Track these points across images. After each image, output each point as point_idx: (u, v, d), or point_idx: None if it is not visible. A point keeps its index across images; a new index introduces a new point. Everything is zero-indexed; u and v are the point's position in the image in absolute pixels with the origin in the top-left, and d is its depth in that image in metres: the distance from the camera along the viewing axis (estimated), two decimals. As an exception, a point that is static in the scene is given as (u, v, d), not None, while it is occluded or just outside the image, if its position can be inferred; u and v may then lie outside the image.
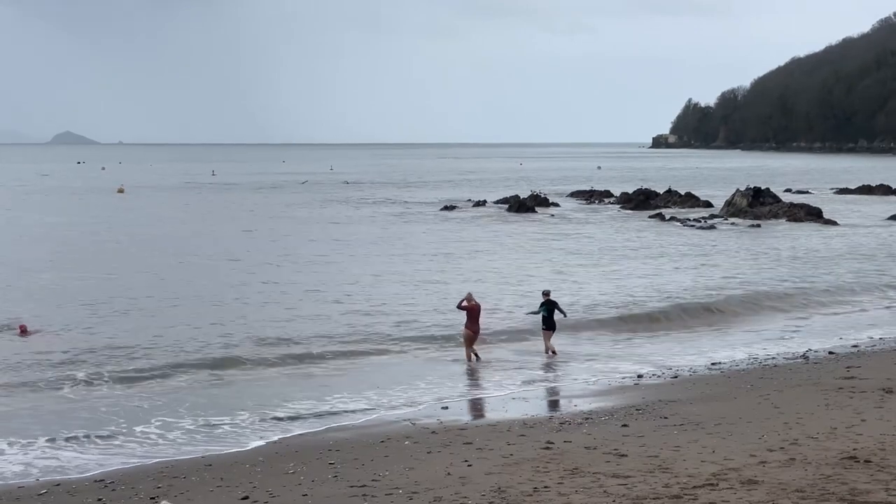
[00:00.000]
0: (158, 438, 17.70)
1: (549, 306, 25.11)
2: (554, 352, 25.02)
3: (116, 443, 17.40)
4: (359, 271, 39.43)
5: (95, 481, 15.04)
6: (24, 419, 18.87)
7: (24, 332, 26.33)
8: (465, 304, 24.48)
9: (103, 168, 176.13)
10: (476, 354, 24.30)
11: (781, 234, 56.41)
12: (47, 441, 17.46)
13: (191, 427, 18.37)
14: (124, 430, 18.16)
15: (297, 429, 18.27)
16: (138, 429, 18.26)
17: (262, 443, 17.28)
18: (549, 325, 25.09)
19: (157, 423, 18.60)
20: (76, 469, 15.85)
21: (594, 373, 23.19)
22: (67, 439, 17.55)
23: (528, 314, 27.13)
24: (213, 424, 18.52)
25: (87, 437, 17.71)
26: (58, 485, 14.94)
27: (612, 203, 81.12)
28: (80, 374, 21.99)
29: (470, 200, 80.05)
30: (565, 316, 25.62)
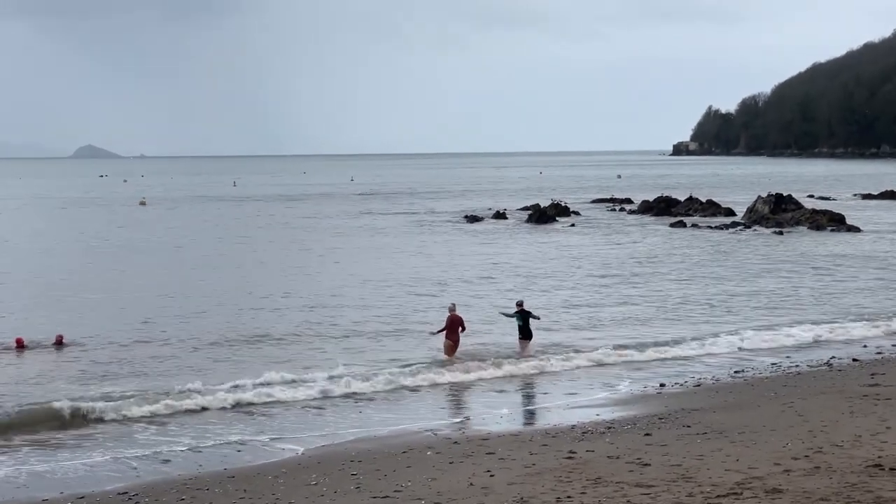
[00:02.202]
0: (181, 450, 17.74)
1: (523, 316, 25.99)
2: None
3: (140, 455, 17.44)
4: (394, 286, 39.22)
5: (119, 494, 15.10)
6: (48, 431, 18.97)
7: (59, 343, 26.44)
8: (448, 315, 25.38)
9: (125, 181, 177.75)
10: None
11: (805, 241, 56.09)
12: (71, 453, 17.58)
13: (213, 439, 18.43)
14: (148, 442, 18.25)
15: (320, 440, 18.29)
16: (161, 440, 18.34)
17: (284, 455, 17.30)
18: (525, 335, 26.00)
19: (181, 435, 18.69)
20: (100, 482, 15.89)
21: (616, 381, 23.13)
22: (92, 451, 17.65)
23: (501, 313, 28.19)
24: (236, 437, 18.59)
25: (111, 449, 17.80)
26: (82, 497, 15.00)
27: (633, 211, 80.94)
28: (107, 387, 22.14)
29: (491, 209, 79.99)
30: (538, 318, 26.59)
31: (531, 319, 26.00)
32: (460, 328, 25.15)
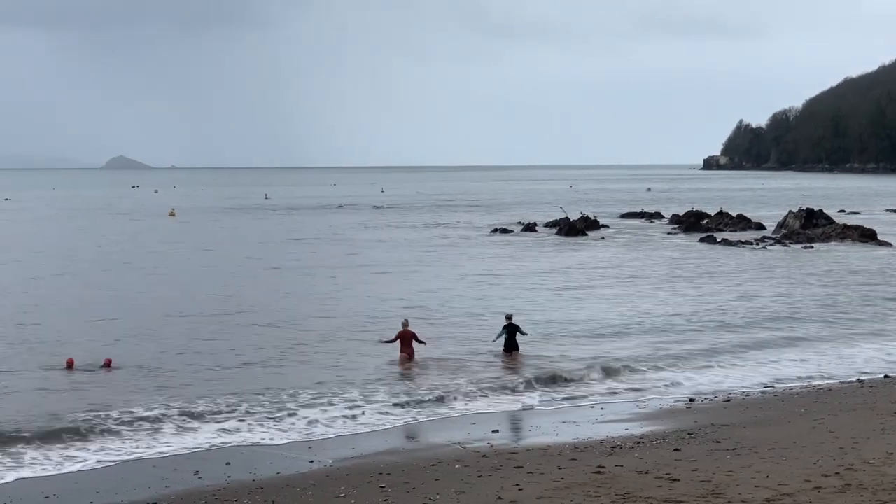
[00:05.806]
0: (210, 461, 17.78)
1: (510, 329, 26.84)
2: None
3: (170, 465, 17.52)
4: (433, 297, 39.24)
5: (149, 503, 15.19)
6: (76, 442, 19.06)
7: (108, 366, 26.22)
8: (399, 330, 26.64)
9: (156, 191, 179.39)
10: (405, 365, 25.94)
11: (836, 256, 55.70)
12: (99, 463, 17.71)
13: (243, 451, 18.50)
14: (178, 455, 18.33)
15: (348, 452, 18.28)
16: (192, 452, 18.43)
17: (313, 466, 17.31)
18: (510, 348, 26.81)
19: (211, 448, 18.76)
20: (129, 492, 15.93)
21: (646, 396, 23.03)
22: (124, 462, 17.77)
23: (494, 340, 27.36)
24: (266, 448, 18.66)
25: (142, 459, 17.92)
26: (112, 506, 15.12)
27: (663, 225, 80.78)
28: (150, 401, 22.06)
29: (521, 223, 79.95)
30: (525, 335, 27.12)
31: (518, 334, 26.83)
32: (415, 341, 26.45)
